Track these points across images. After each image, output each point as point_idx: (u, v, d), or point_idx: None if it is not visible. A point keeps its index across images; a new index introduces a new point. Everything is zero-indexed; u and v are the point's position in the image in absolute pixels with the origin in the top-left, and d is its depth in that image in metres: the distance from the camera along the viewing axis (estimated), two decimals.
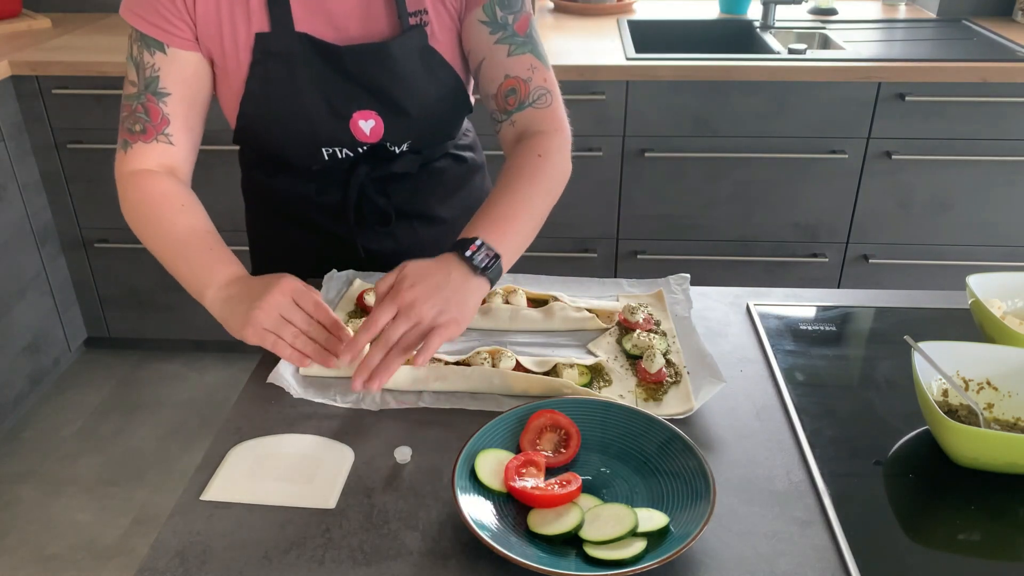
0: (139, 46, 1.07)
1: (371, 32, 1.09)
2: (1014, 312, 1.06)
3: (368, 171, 1.18)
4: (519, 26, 1.10)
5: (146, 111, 1.07)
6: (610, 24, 2.56)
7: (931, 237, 2.36)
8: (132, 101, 1.08)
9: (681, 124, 2.23)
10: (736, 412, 0.96)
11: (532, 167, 1.06)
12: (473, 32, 1.10)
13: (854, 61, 2.16)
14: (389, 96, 1.11)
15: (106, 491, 2.21)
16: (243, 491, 0.85)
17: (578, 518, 0.77)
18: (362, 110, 1.11)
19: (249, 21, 1.06)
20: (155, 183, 1.08)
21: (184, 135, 1.10)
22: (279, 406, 0.97)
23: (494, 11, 1.09)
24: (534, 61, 1.10)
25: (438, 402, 0.97)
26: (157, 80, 1.07)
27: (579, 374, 1.00)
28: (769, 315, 1.15)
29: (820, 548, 0.78)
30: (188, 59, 1.08)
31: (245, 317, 0.95)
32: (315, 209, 1.23)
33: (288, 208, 1.26)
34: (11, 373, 2.34)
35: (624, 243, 2.41)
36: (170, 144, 1.09)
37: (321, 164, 1.17)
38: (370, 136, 1.13)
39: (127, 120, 1.09)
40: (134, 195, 1.08)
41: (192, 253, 1.04)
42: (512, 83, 1.09)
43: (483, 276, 0.95)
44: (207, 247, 1.05)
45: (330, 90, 1.09)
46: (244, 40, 1.07)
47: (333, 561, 0.77)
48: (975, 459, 0.85)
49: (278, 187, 1.24)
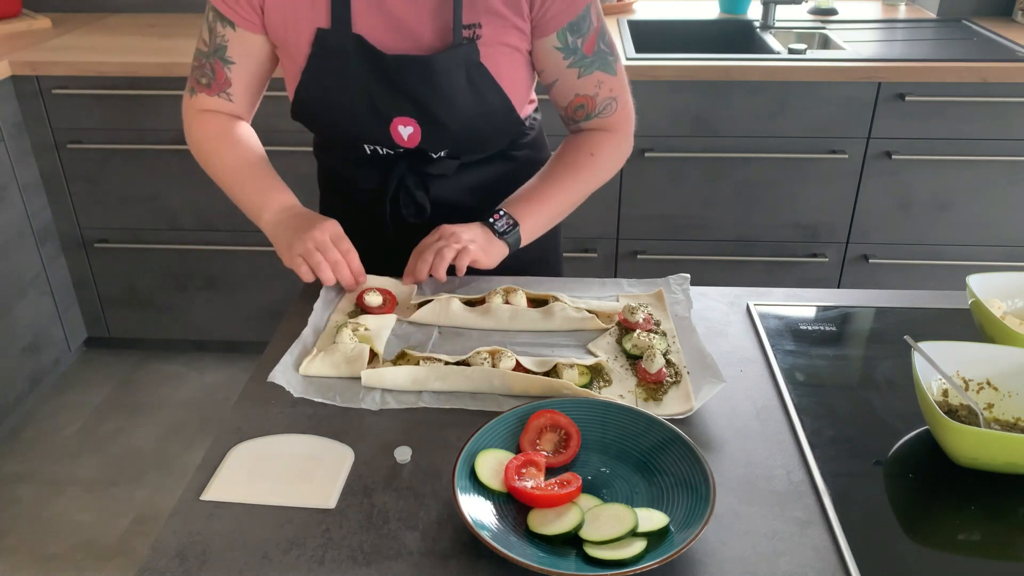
0: (214, 15, 1.16)
1: (425, 37, 1.11)
2: (1014, 312, 1.06)
3: (407, 166, 1.23)
4: (587, 47, 1.16)
5: (212, 70, 1.19)
6: (610, 24, 2.56)
7: (931, 237, 2.36)
8: (202, 58, 1.20)
9: (681, 124, 2.23)
10: (736, 412, 0.96)
11: (580, 164, 1.22)
12: (546, 56, 1.17)
13: (854, 61, 2.16)
14: (428, 108, 1.13)
15: (106, 491, 2.21)
16: (243, 491, 0.85)
17: (578, 518, 0.78)
18: (402, 116, 1.15)
19: (313, 16, 1.12)
20: (216, 121, 1.23)
21: (244, 97, 1.22)
22: (279, 406, 0.97)
23: (566, 37, 1.15)
24: (601, 76, 1.19)
25: (438, 402, 0.97)
26: (225, 48, 1.17)
27: (579, 374, 1.00)
28: (769, 315, 1.15)
29: (820, 548, 0.78)
30: (253, 40, 1.17)
31: (289, 242, 1.11)
32: (357, 192, 1.30)
33: (335, 183, 1.36)
34: (11, 373, 2.34)
35: (624, 243, 2.41)
36: (230, 101, 1.22)
37: (363, 156, 1.24)
38: (408, 141, 1.17)
39: (196, 71, 1.21)
40: (198, 131, 1.23)
41: (248, 181, 1.20)
42: (581, 100, 1.20)
43: (503, 240, 1.16)
44: (262, 175, 1.20)
45: (375, 93, 1.14)
46: (306, 33, 1.12)
47: (333, 561, 0.77)
48: (975, 459, 0.85)
49: (328, 161, 1.35)
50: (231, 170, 1.21)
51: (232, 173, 1.21)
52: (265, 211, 1.18)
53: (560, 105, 1.23)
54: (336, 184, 1.36)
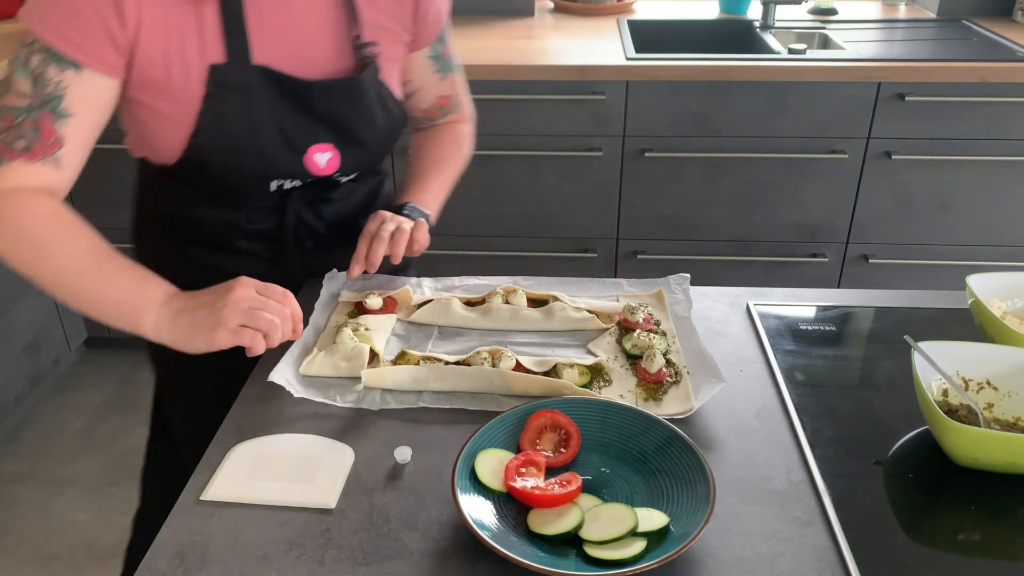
0: (43, 58, 0.95)
1: (326, 60, 1.07)
2: (1014, 312, 1.06)
3: (300, 197, 1.14)
4: (446, 52, 1.23)
5: (36, 128, 0.95)
6: (610, 24, 2.56)
7: (931, 237, 2.36)
8: (18, 114, 0.95)
9: (681, 124, 2.23)
10: (736, 412, 0.96)
11: (453, 154, 1.29)
12: (419, 66, 1.20)
13: (854, 61, 2.16)
14: (348, 130, 1.09)
15: (106, 491, 2.21)
16: (243, 491, 0.85)
17: (578, 518, 0.78)
18: (319, 143, 1.08)
19: (203, 51, 0.99)
20: (43, 201, 0.97)
21: (75, 162, 1.00)
22: (279, 406, 0.97)
23: (437, 48, 1.21)
24: (454, 77, 1.27)
25: (438, 402, 0.97)
26: (59, 99, 0.95)
27: (579, 374, 1.00)
28: (769, 315, 1.15)
29: (820, 548, 0.78)
30: (104, 85, 0.97)
31: (212, 320, 0.89)
32: (243, 236, 1.15)
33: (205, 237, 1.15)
34: (11, 373, 2.34)
35: (624, 243, 2.41)
36: (57, 168, 0.98)
37: (265, 194, 1.11)
38: (325, 168, 1.10)
39: (7, 134, 0.96)
40: (19, 216, 0.95)
41: (109, 276, 0.95)
42: (442, 101, 1.27)
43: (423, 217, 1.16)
44: (122, 267, 0.96)
45: (288, 124, 1.05)
46: (196, 71, 0.99)
47: (333, 561, 0.77)
48: (975, 459, 0.85)
49: (196, 218, 1.13)
50: (80, 266, 0.95)
51: (83, 270, 0.95)
52: (147, 309, 0.93)
53: (420, 108, 1.26)
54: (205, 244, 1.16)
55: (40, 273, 0.96)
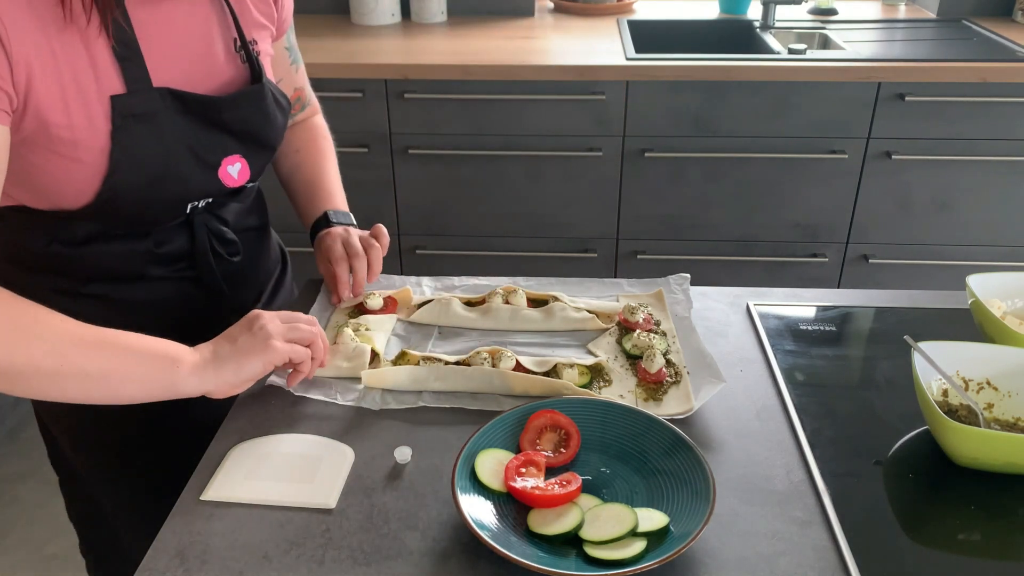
0: None
1: (221, 68, 1.04)
2: (1014, 312, 1.06)
3: (206, 207, 1.09)
4: (294, 42, 1.24)
5: None
6: (610, 24, 2.56)
7: (931, 237, 2.36)
8: None
9: (681, 124, 2.23)
10: (736, 412, 0.96)
11: (330, 148, 1.32)
12: (279, 57, 1.19)
13: (854, 61, 2.16)
14: (255, 137, 1.06)
15: None
16: (243, 491, 0.85)
17: (578, 518, 0.78)
18: (229, 156, 1.04)
19: (100, 84, 0.91)
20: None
21: None
22: (279, 406, 0.97)
23: (290, 39, 1.22)
24: (302, 68, 1.28)
25: (438, 402, 0.97)
26: None
27: (579, 374, 1.00)
28: (769, 315, 1.15)
29: (820, 548, 0.78)
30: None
31: (260, 339, 0.91)
32: (153, 262, 1.06)
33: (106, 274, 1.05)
34: None
35: (624, 243, 2.41)
36: None
37: (182, 219, 1.06)
38: (238, 179, 1.06)
39: None
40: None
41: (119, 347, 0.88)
42: (298, 93, 1.27)
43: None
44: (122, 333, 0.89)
45: (199, 142, 1.00)
46: (98, 105, 0.91)
47: (333, 561, 0.77)
48: (975, 459, 0.85)
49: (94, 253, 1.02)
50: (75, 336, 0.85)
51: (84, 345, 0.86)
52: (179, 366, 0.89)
53: None
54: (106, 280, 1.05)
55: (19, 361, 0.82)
